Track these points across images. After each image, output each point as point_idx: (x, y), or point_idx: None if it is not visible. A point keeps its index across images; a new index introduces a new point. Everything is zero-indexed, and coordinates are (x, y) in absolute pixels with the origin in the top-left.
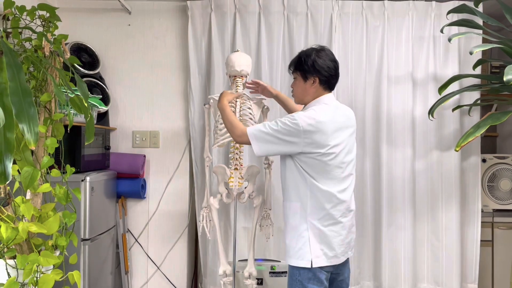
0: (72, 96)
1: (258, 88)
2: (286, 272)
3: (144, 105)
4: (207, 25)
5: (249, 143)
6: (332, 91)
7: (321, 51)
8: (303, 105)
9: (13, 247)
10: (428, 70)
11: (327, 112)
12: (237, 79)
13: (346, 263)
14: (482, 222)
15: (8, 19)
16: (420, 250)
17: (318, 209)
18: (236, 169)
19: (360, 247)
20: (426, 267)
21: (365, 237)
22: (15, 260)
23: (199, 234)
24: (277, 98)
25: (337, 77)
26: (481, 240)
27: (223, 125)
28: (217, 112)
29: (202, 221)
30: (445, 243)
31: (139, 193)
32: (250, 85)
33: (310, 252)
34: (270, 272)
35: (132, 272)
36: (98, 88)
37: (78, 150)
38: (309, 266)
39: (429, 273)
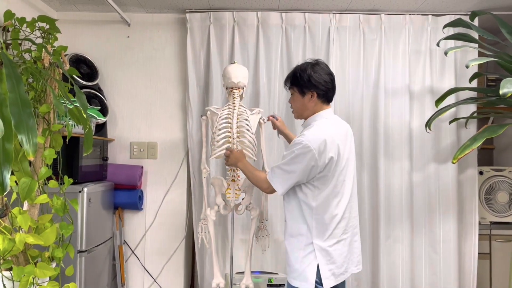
0: (71, 107)
1: (275, 125)
2: (283, 284)
3: (142, 116)
4: (206, 38)
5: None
6: (330, 104)
7: (316, 66)
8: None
9: (10, 258)
10: (424, 83)
11: (329, 126)
12: (234, 91)
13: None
14: (479, 234)
15: (8, 31)
16: (417, 262)
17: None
18: (233, 180)
19: None
20: (424, 279)
21: (362, 249)
22: (11, 271)
23: (198, 246)
24: (287, 137)
25: (334, 90)
26: (478, 253)
27: (220, 136)
28: (214, 124)
29: (201, 233)
30: (442, 256)
31: (137, 204)
32: (272, 119)
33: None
34: (267, 285)
35: (128, 284)
36: (97, 99)
37: (76, 161)
38: None
39: (427, 285)
